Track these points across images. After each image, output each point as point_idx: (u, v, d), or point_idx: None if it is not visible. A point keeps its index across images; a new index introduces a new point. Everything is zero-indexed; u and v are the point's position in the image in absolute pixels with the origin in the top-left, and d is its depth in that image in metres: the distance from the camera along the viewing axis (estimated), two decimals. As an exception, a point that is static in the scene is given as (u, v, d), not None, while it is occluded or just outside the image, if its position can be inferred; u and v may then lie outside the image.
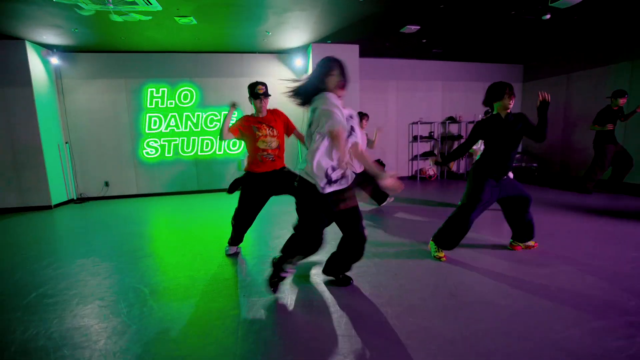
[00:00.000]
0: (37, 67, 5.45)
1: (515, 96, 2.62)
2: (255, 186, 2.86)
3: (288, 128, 3.02)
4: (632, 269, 2.48)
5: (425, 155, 7.79)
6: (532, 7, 4.44)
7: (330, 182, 1.95)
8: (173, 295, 2.30)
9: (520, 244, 2.93)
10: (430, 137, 7.76)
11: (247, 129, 2.81)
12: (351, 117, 2.00)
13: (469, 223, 2.65)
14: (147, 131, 6.35)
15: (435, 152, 2.59)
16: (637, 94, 5.77)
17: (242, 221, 2.93)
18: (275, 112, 2.94)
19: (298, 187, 2.03)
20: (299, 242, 2.10)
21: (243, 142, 2.89)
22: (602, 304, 1.99)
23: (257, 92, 2.81)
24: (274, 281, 2.20)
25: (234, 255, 3.03)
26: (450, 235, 2.70)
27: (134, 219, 4.69)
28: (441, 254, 2.75)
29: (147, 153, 6.41)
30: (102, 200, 6.23)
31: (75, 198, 6.22)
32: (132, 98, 6.24)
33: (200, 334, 1.81)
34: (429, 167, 7.71)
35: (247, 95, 2.87)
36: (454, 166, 7.96)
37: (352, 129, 1.99)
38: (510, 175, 3.15)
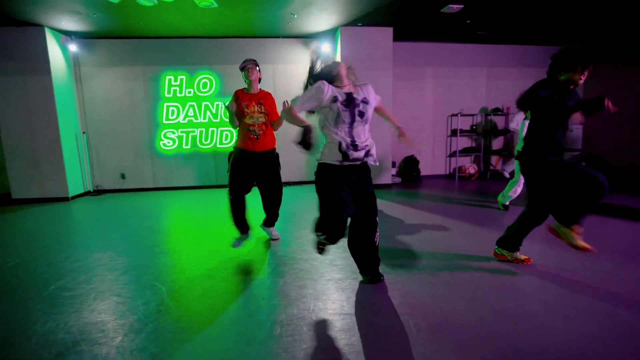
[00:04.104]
0: (56, 54, 5.80)
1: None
2: (241, 162, 3.28)
3: (272, 112, 3.30)
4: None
5: (466, 151, 7.58)
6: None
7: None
8: (191, 294, 2.40)
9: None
10: (472, 130, 7.54)
11: (239, 105, 3.21)
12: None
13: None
14: (164, 121, 6.62)
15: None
16: None
17: (233, 201, 3.38)
18: (267, 94, 3.31)
19: None
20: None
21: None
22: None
23: (243, 64, 3.21)
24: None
25: (240, 244, 3.38)
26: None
27: (151, 214, 4.93)
28: (522, 257, 2.77)
29: (164, 145, 6.67)
30: (118, 193, 6.56)
31: (91, 190, 6.60)
32: (150, 86, 6.51)
33: (217, 338, 1.89)
34: (470, 165, 7.50)
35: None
36: (498, 164, 7.71)
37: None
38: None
